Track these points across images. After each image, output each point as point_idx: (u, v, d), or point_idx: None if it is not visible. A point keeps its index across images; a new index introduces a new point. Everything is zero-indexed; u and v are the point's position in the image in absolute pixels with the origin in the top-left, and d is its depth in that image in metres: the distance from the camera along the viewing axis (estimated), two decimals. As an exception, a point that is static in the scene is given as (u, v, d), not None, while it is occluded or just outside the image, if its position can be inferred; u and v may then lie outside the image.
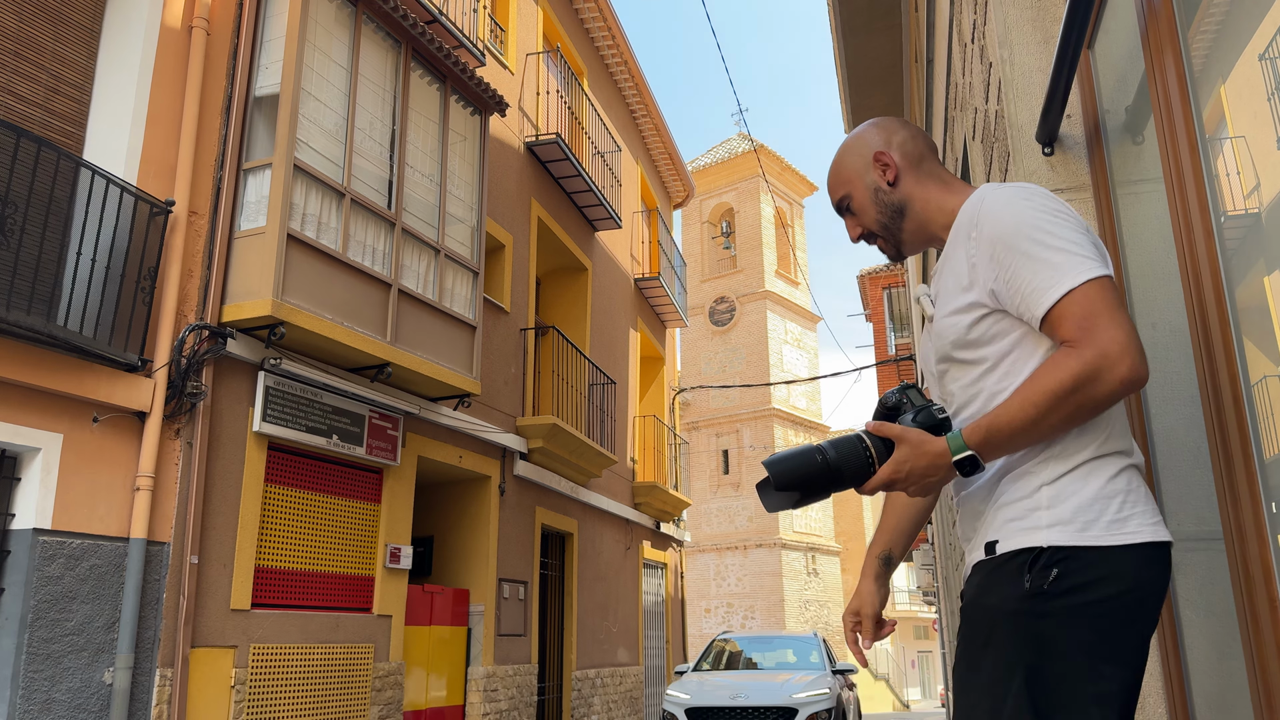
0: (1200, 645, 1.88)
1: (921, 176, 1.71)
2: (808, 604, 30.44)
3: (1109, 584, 1.37)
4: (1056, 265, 1.42)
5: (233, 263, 6.54)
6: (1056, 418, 1.40)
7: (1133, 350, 1.36)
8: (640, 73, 15.42)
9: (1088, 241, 1.44)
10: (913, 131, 1.74)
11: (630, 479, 14.58)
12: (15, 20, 5.67)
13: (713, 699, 9.47)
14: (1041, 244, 1.44)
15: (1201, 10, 1.70)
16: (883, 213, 1.73)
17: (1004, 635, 1.42)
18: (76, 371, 5.44)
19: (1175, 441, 1.93)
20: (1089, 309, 1.39)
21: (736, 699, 9.36)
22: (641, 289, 16.03)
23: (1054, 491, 1.46)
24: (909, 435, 1.54)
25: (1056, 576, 1.38)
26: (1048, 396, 1.39)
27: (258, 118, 6.95)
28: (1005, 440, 1.45)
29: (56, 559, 5.28)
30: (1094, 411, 1.39)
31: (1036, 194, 1.50)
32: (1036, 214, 1.47)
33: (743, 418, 31.08)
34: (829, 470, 1.55)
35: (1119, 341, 1.36)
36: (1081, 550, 1.39)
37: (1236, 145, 1.63)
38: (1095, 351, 1.37)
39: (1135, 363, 1.36)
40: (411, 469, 8.23)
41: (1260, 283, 1.55)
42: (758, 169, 31.75)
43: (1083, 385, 1.37)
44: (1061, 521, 1.42)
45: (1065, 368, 1.38)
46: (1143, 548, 1.39)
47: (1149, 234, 2.00)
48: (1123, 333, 1.37)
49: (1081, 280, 1.40)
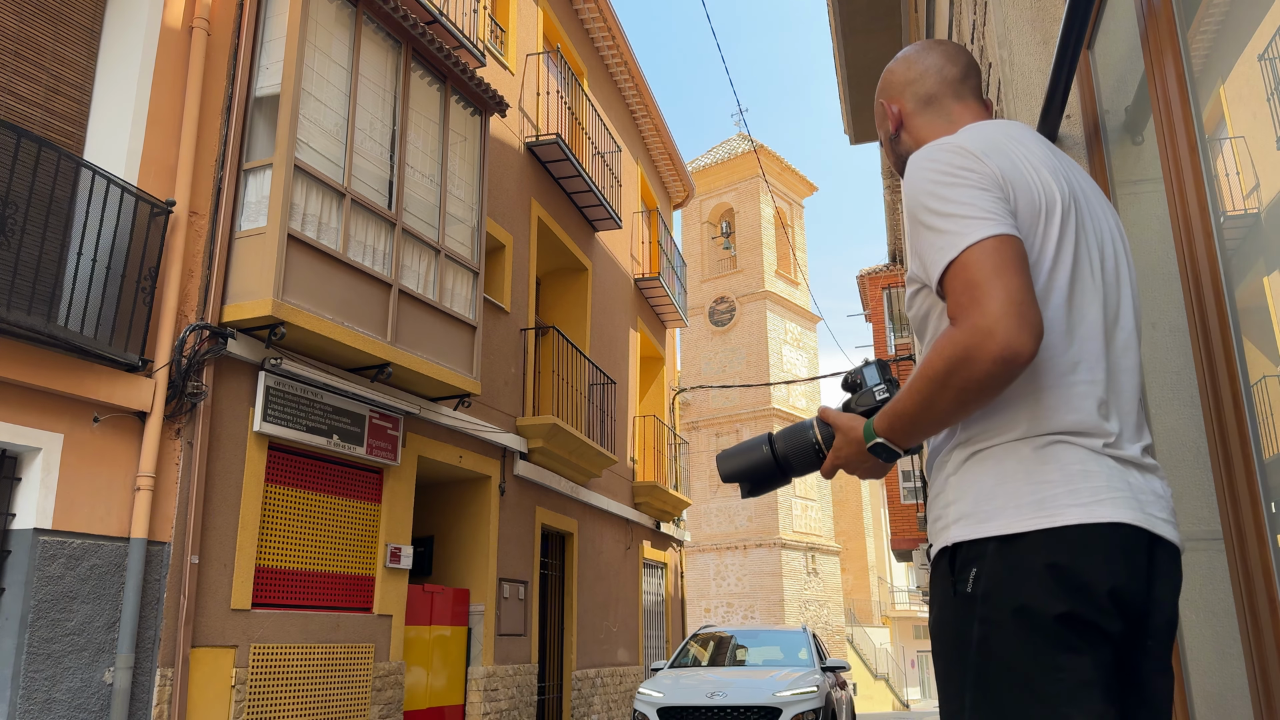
0: (1200, 645, 1.88)
1: (929, 119, 1.60)
2: (807, 604, 30.43)
3: (1030, 577, 1.24)
4: (944, 233, 1.30)
5: (233, 263, 6.54)
6: (945, 403, 1.27)
7: (1006, 321, 1.20)
8: (640, 73, 15.43)
9: (987, 198, 1.30)
10: (933, 63, 1.61)
11: (630, 479, 14.58)
12: (15, 20, 5.67)
13: (688, 697, 8.50)
14: (933, 211, 1.32)
15: (1201, 11, 1.71)
16: (896, 162, 1.68)
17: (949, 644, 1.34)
18: (77, 371, 5.44)
19: (1175, 441, 1.93)
20: (968, 279, 1.25)
21: (714, 697, 8.41)
22: (641, 289, 16.03)
23: (959, 482, 1.36)
24: (841, 421, 1.49)
25: (975, 576, 1.28)
26: (926, 383, 1.28)
27: (258, 118, 6.95)
28: (909, 426, 1.35)
29: (57, 559, 5.28)
30: (982, 393, 1.24)
31: (939, 152, 1.38)
32: (932, 179, 1.35)
33: (743, 418, 31.07)
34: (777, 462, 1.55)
35: (991, 314, 1.21)
36: (989, 542, 1.28)
37: (1236, 145, 1.63)
38: (966, 330, 1.23)
39: (1007, 337, 1.20)
40: (412, 469, 8.23)
41: (1260, 283, 1.55)
42: (758, 169, 31.75)
43: (956, 369, 1.23)
44: (965, 516, 1.32)
45: (939, 350, 1.26)
46: (1068, 530, 1.25)
47: (1149, 234, 2.01)
48: (998, 302, 1.21)
49: (963, 246, 1.26)
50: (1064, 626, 1.23)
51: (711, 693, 8.50)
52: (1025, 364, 1.22)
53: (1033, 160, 1.40)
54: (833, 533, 33.66)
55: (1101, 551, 1.25)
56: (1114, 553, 1.26)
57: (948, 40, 1.71)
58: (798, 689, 8.51)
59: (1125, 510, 1.27)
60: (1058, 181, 1.40)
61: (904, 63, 1.65)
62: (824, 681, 9.00)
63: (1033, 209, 1.35)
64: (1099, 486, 1.28)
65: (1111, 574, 1.25)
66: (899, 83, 1.64)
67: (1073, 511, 1.26)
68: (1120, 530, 1.26)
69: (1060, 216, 1.37)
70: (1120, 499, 1.28)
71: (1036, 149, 1.44)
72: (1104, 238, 1.44)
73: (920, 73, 1.61)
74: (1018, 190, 1.35)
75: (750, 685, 8.64)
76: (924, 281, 1.40)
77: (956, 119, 1.58)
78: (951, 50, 1.64)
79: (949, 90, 1.60)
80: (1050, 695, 1.23)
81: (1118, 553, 1.26)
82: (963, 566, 1.31)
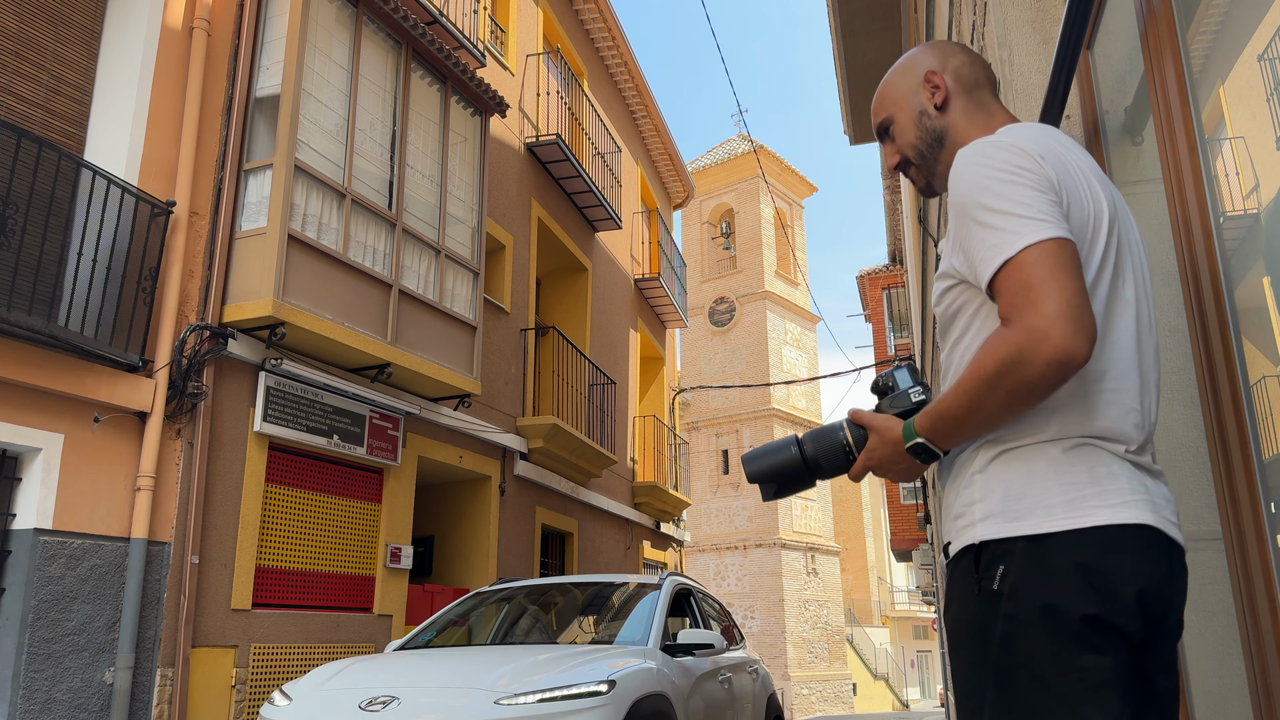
0: (1200, 645, 1.88)
1: (970, 106, 1.58)
2: (807, 604, 30.43)
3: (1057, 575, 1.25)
4: (1000, 230, 1.29)
5: (233, 263, 6.55)
6: (993, 405, 1.28)
7: (1061, 324, 1.20)
8: (640, 73, 15.43)
9: (1044, 200, 1.30)
10: (971, 57, 1.62)
11: (630, 479, 14.58)
12: (16, 21, 5.68)
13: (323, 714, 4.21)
14: (988, 209, 1.31)
15: (1201, 11, 1.71)
16: (922, 138, 1.61)
17: (969, 643, 1.34)
18: (77, 372, 5.44)
19: (1175, 441, 1.93)
20: (1024, 279, 1.25)
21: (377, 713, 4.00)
22: (641, 289, 16.03)
23: (985, 480, 1.36)
24: (876, 422, 1.49)
25: (1003, 574, 1.29)
26: (976, 383, 1.28)
27: (258, 118, 6.95)
28: (952, 428, 1.35)
29: (57, 559, 5.29)
30: (1032, 396, 1.25)
31: (995, 150, 1.37)
32: (988, 175, 1.34)
33: (743, 418, 31.08)
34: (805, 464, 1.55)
35: (1047, 316, 1.21)
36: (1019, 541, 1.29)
37: (1236, 146, 1.63)
38: (1020, 330, 1.23)
39: (1063, 340, 1.20)
40: (412, 469, 8.23)
41: (1260, 283, 1.55)
42: (757, 169, 31.75)
43: (1008, 370, 1.24)
44: (993, 514, 1.33)
45: (991, 351, 1.26)
46: (1098, 531, 1.26)
47: (1149, 234, 2.01)
48: (1054, 304, 1.21)
49: (1020, 247, 1.26)
50: (1088, 627, 1.24)
51: (368, 701, 4.08)
52: (1079, 367, 1.22)
53: (1084, 168, 1.40)
54: (833, 533, 33.66)
55: (1129, 552, 1.26)
56: (1140, 554, 1.27)
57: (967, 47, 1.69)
58: (560, 687, 4.07)
59: (1147, 513, 1.29)
60: (1106, 191, 1.40)
61: (937, 48, 1.63)
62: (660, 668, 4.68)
63: (1083, 218, 1.36)
64: (1123, 489, 1.29)
65: (1138, 575, 1.26)
66: (936, 62, 1.61)
67: (1101, 513, 1.27)
68: (1145, 532, 1.28)
69: (1107, 227, 1.37)
70: (1141, 502, 1.29)
71: (1084, 157, 1.44)
72: (1136, 248, 1.44)
73: (962, 61, 1.60)
74: (1071, 197, 1.35)
75: (458, 688, 4.17)
76: (959, 278, 1.41)
77: (995, 114, 1.57)
78: (975, 54, 1.64)
79: (990, 86, 1.61)
80: (1070, 695, 1.23)
81: (1144, 554, 1.27)
82: (989, 564, 1.31)
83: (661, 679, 4.55)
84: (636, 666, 4.41)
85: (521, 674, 4.17)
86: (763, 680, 6.78)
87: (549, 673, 4.18)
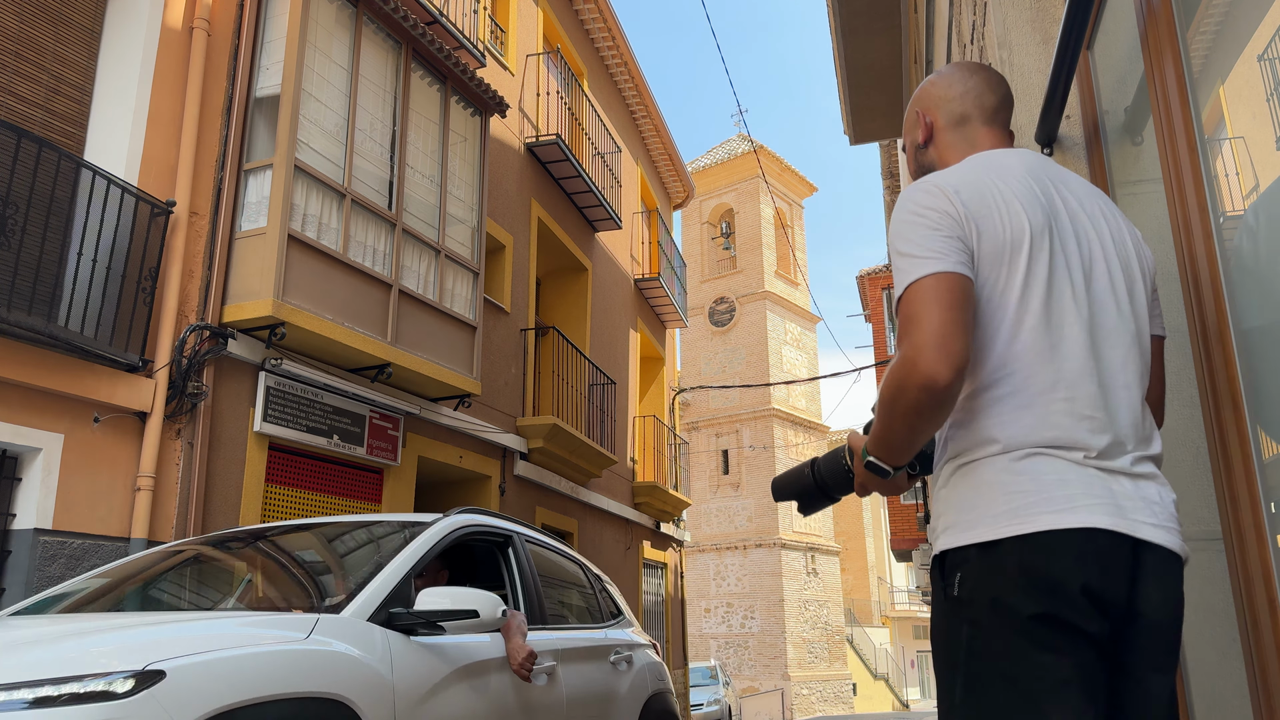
0: (1200, 645, 1.88)
1: (955, 140, 1.67)
2: (807, 604, 30.43)
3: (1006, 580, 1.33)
4: (900, 270, 1.42)
5: (233, 263, 6.55)
6: (899, 425, 1.39)
7: (925, 353, 1.31)
8: (640, 73, 15.43)
9: (937, 238, 1.41)
10: (974, 86, 1.68)
11: (630, 479, 14.58)
12: (16, 21, 5.68)
13: None
14: (898, 250, 1.44)
15: (1200, 11, 1.71)
16: (915, 170, 1.75)
17: (940, 647, 1.43)
18: (77, 372, 5.44)
19: (1175, 441, 1.93)
20: (906, 312, 1.38)
21: None
22: (641, 289, 16.03)
23: (945, 494, 1.46)
24: (854, 443, 1.60)
25: (960, 580, 1.38)
26: (881, 407, 1.40)
27: (258, 118, 6.95)
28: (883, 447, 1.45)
29: (57, 559, 5.28)
30: (921, 416, 1.35)
31: (916, 192, 1.49)
32: (902, 219, 1.47)
33: (742, 418, 31.07)
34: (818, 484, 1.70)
35: (915, 345, 1.33)
36: (971, 549, 1.37)
37: (1235, 146, 1.63)
38: (899, 358, 1.36)
39: (927, 366, 1.31)
40: (412, 469, 8.23)
41: (1260, 283, 1.55)
42: (757, 170, 31.75)
43: (896, 395, 1.36)
44: (951, 525, 1.42)
45: (885, 378, 1.39)
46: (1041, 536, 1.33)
47: (1149, 234, 2.01)
48: (921, 334, 1.33)
49: (907, 282, 1.40)
50: (1043, 626, 1.31)
51: None
52: (945, 390, 1.32)
53: (1006, 194, 1.48)
54: (832, 533, 33.66)
55: (1071, 553, 1.32)
56: (1086, 554, 1.32)
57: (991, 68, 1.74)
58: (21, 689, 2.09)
59: (1101, 516, 1.34)
60: (1031, 212, 1.47)
61: (946, 79, 1.72)
62: (300, 662, 2.63)
63: (997, 245, 1.44)
64: (1074, 494, 1.35)
65: (1083, 573, 1.31)
66: (938, 96, 1.71)
67: (1044, 518, 1.33)
68: (1095, 534, 1.33)
69: (1029, 248, 1.44)
70: (1097, 505, 1.35)
71: (1016, 180, 1.51)
72: (1094, 253, 1.49)
73: (960, 93, 1.69)
74: (983, 227, 1.45)
75: None
76: None
77: (979, 145, 1.66)
78: (994, 79, 1.70)
79: (981, 116, 1.68)
80: (1032, 693, 1.30)
81: (1090, 555, 1.32)
82: (950, 572, 1.41)
83: (336, 670, 2.71)
84: (253, 651, 2.48)
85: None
86: (640, 673, 4.69)
87: (35, 654, 2.27)
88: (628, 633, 4.90)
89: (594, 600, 4.89)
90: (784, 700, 27.92)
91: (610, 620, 4.88)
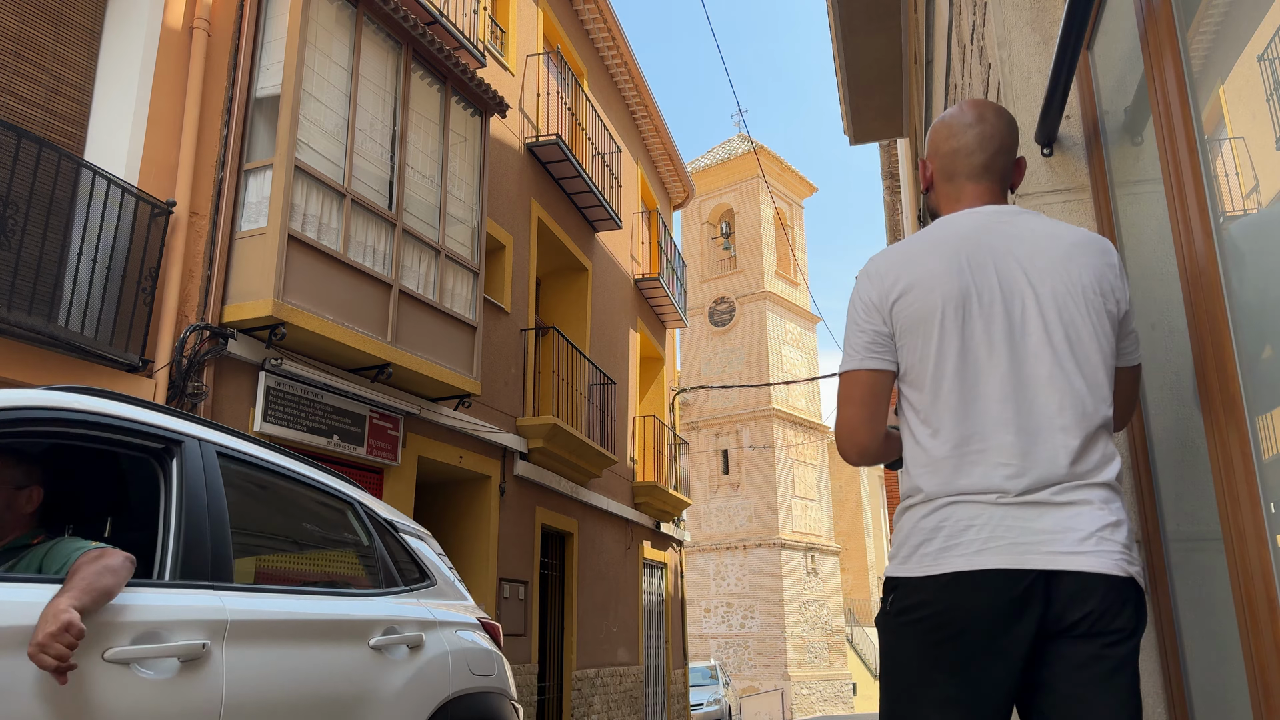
0: (1200, 645, 1.88)
1: (947, 190, 1.84)
2: (807, 604, 30.44)
3: (919, 607, 1.58)
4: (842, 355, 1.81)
5: (234, 263, 6.55)
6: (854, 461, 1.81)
7: (841, 441, 1.76)
8: (640, 73, 15.43)
9: (857, 334, 1.73)
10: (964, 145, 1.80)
11: (630, 479, 14.58)
12: (16, 21, 5.68)
13: None
14: (844, 336, 1.80)
15: (1200, 11, 1.71)
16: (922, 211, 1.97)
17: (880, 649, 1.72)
18: (77, 372, 5.44)
19: (1175, 441, 1.93)
20: (838, 396, 1.78)
21: None
22: (641, 289, 16.03)
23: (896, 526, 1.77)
24: None
25: (891, 601, 1.65)
26: None
27: (258, 119, 6.95)
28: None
29: (57, 559, 5.28)
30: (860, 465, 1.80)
31: (859, 281, 1.78)
32: (849, 306, 1.80)
33: (742, 418, 31.07)
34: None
35: (836, 430, 1.78)
36: (898, 579, 1.63)
37: (1235, 146, 1.64)
38: (835, 433, 1.80)
39: (843, 451, 1.77)
40: (412, 469, 8.23)
41: (1259, 283, 1.55)
42: (757, 170, 31.75)
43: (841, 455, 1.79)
44: (892, 556, 1.70)
45: None
46: (941, 577, 1.56)
47: (1148, 234, 2.01)
48: (839, 424, 1.76)
49: (839, 372, 1.77)
50: (937, 650, 1.56)
51: None
52: (860, 462, 1.78)
53: (932, 269, 1.67)
54: (832, 533, 33.66)
55: (969, 592, 1.54)
56: (978, 595, 1.53)
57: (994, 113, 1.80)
58: None
59: (1000, 558, 1.53)
60: (948, 286, 1.66)
61: (946, 128, 1.84)
62: None
63: (915, 318, 1.66)
64: (979, 539, 1.55)
65: (970, 613, 1.53)
66: (935, 146, 1.86)
67: (950, 562, 1.56)
68: (991, 575, 1.53)
69: (940, 319, 1.64)
70: (1001, 548, 1.54)
71: (949, 250, 1.69)
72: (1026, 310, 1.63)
73: (951, 150, 1.82)
74: (901, 306, 1.68)
75: None
76: None
77: (963, 200, 1.81)
78: (988, 134, 1.79)
79: (968, 173, 1.81)
80: (922, 701, 1.57)
81: (982, 595, 1.53)
82: (886, 592, 1.68)
83: None
84: None
85: None
86: (432, 665, 3.19)
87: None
88: (428, 605, 3.40)
89: (374, 556, 3.37)
90: (784, 700, 27.92)
91: (403, 587, 3.37)
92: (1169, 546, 1.99)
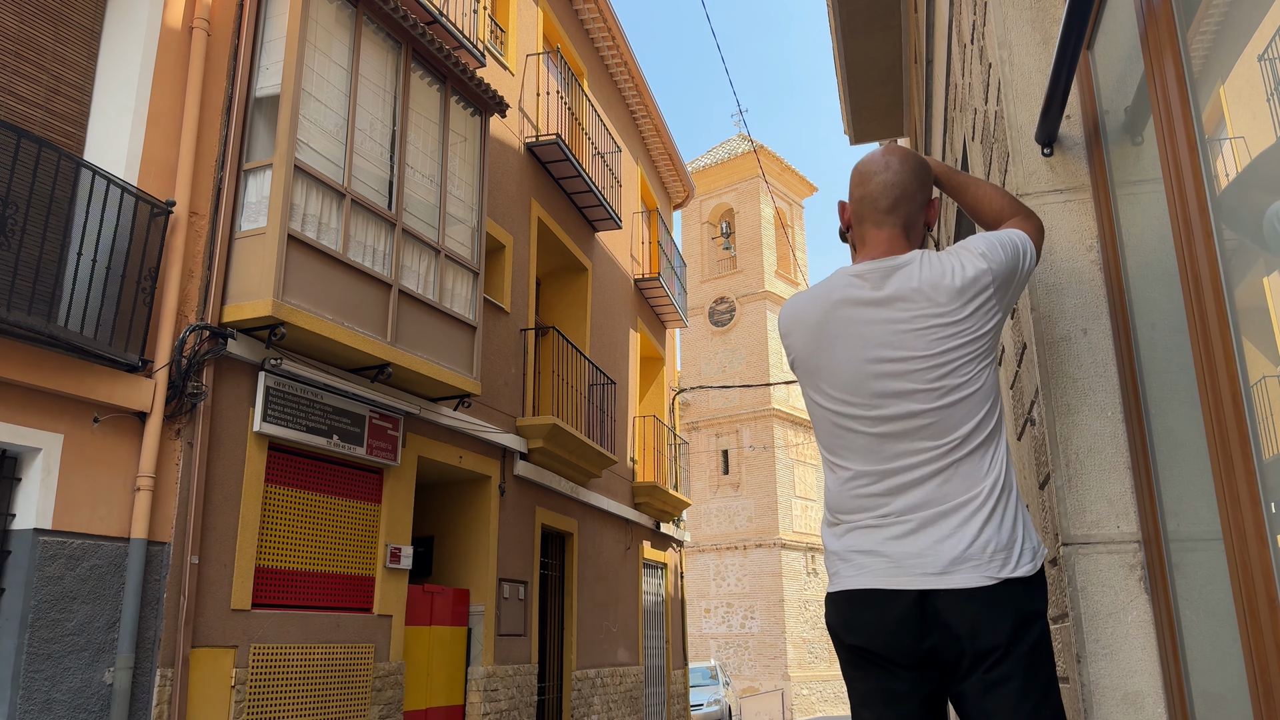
0: (1200, 645, 1.88)
1: (859, 234, 1.97)
2: (807, 604, 30.44)
3: (835, 619, 1.84)
4: None
5: (233, 263, 6.55)
6: None
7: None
8: (640, 73, 15.43)
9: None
10: (869, 193, 1.91)
11: (630, 479, 14.58)
12: (16, 21, 5.68)
13: None
14: None
15: (1201, 11, 1.71)
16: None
17: None
18: (77, 372, 5.44)
19: (1175, 441, 1.93)
20: None
21: None
22: (641, 289, 16.03)
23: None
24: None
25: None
26: None
27: (258, 118, 6.95)
28: None
29: (57, 559, 5.28)
30: None
31: (781, 311, 1.99)
32: None
33: (743, 418, 31.07)
34: None
35: None
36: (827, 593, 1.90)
37: (1236, 146, 1.63)
38: None
39: None
40: (412, 469, 8.23)
41: (1260, 283, 1.55)
42: (757, 169, 31.75)
43: None
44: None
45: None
46: (835, 595, 1.84)
47: (1149, 234, 2.01)
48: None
49: None
50: (852, 653, 1.82)
51: None
52: None
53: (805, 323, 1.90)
54: (833, 533, 33.61)
55: (855, 609, 1.79)
56: (865, 610, 1.77)
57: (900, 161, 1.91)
58: None
59: (878, 579, 1.75)
60: (803, 344, 1.89)
61: (859, 176, 1.96)
62: None
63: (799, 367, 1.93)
64: (866, 562, 1.78)
65: (862, 622, 1.77)
66: (850, 193, 1.98)
67: (845, 581, 1.82)
68: (873, 594, 1.76)
69: (800, 374, 1.92)
70: (870, 572, 1.77)
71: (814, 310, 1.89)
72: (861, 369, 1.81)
73: (859, 196, 1.94)
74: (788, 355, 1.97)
75: None
76: None
77: (869, 246, 1.93)
78: (892, 179, 1.91)
79: (874, 221, 1.92)
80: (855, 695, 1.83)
81: (869, 610, 1.76)
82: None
83: None
84: None
85: None
86: None
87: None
88: None
89: None
90: (784, 700, 27.92)
91: None
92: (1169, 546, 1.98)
